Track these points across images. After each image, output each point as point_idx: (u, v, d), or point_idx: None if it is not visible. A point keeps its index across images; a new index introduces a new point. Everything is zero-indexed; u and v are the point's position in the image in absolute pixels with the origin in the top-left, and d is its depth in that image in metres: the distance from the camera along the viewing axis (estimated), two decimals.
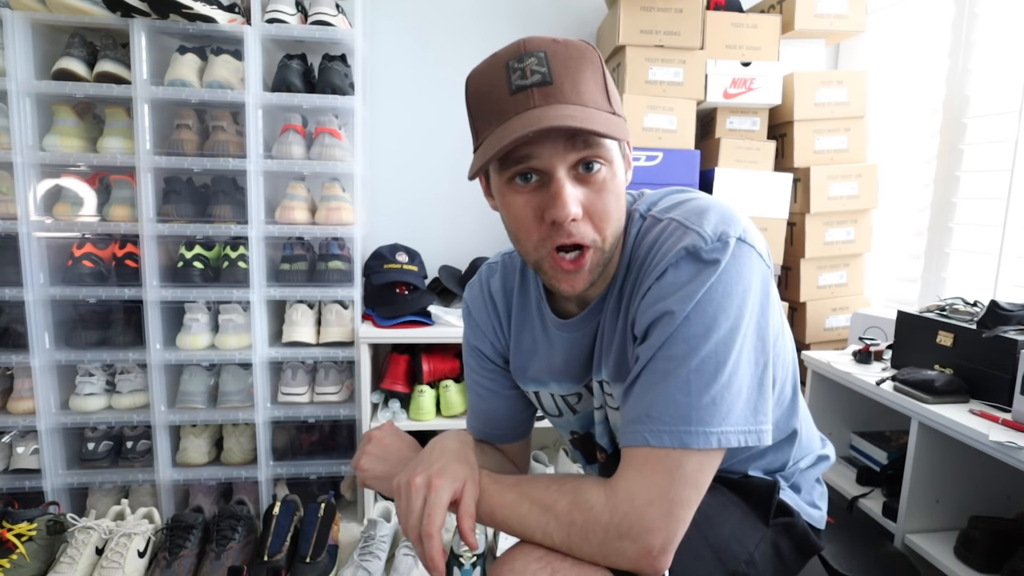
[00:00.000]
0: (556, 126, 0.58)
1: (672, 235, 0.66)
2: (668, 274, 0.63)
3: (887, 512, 1.53)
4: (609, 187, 0.65)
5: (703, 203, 0.68)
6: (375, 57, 2.31)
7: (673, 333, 0.62)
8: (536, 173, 0.64)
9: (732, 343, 0.61)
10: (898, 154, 2.15)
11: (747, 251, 0.64)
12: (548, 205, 0.63)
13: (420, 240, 2.30)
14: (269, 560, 1.32)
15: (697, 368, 0.61)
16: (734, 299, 0.62)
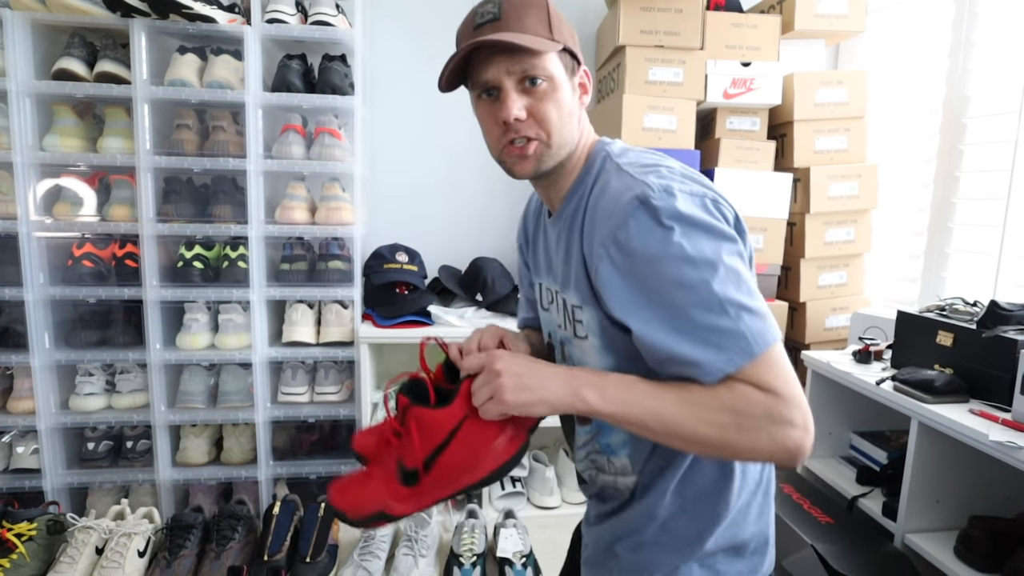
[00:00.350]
0: (485, 39, 0.75)
1: (624, 185, 0.74)
2: (631, 224, 0.70)
3: (887, 512, 1.53)
4: (550, 97, 0.79)
5: (659, 163, 0.77)
6: (375, 57, 2.32)
7: (676, 273, 0.68)
8: (493, 89, 0.79)
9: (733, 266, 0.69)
10: (898, 154, 2.15)
11: (693, 199, 0.72)
12: (500, 110, 0.79)
13: (420, 240, 2.30)
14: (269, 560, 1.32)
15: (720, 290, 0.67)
16: (711, 239, 0.69)
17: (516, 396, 0.72)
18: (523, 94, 0.79)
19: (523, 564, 1.38)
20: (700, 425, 0.67)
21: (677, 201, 0.70)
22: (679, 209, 0.69)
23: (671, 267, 0.68)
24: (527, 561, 1.39)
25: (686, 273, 0.67)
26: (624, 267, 0.71)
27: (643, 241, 0.69)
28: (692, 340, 0.67)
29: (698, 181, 0.76)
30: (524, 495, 2.14)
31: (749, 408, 0.66)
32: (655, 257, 0.69)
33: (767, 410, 0.66)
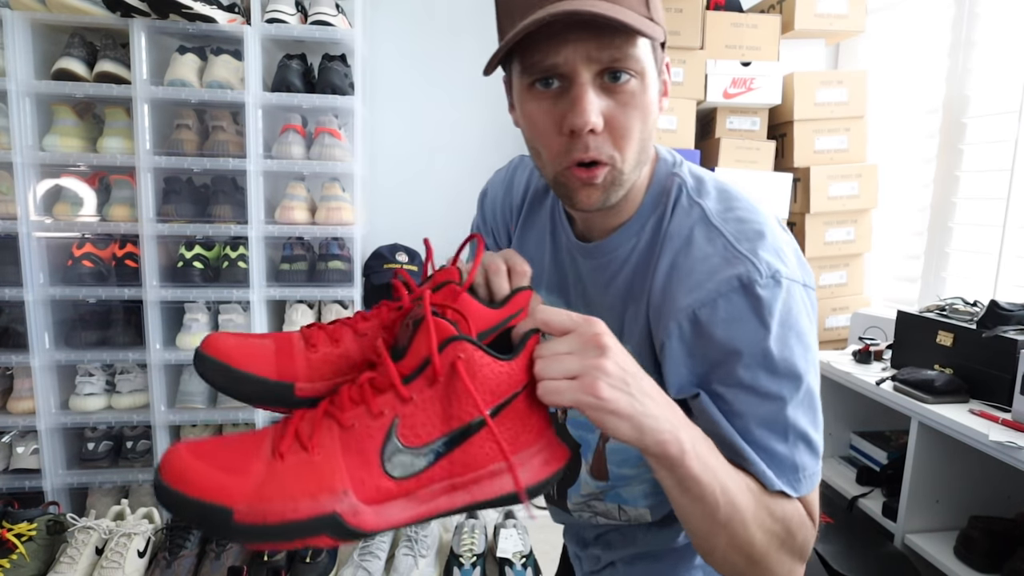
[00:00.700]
0: (579, 8, 0.52)
1: (719, 253, 0.61)
2: (721, 305, 0.59)
3: (887, 512, 1.53)
4: (637, 102, 0.58)
5: (757, 221, 0.63)
6: (375, 57, 2.32)
7: (754, 379, 0.59)
8: (558, 78, 0.57)
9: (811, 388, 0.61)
10: (898, 154, 2.15)
11: (799, 292, 0.61)
12: (567, 112, 0.57)
13: (420, 240, 2.30)
14: (269, 560, 1.32)
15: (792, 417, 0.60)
16: (802, 345, 0.60)
17: (614, 395, 0.48)
18: (602, 93, 0.57)
19: (523, 564, 1.38)
20: (755, 525, 0.57)
21: (783, 294, 0.58)
22: (785, 306, 0.58)
23: (750, 371, 0.58)
24: (527, 561, 1.39)
25: (763, 383, 0.58)
26: (694, 349, 0.60)
27: (729, 331, 0.58)
28: (744, 447, 0.60)
29: (801, 261, 0.63)
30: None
31: (799, 531, 0.60)
32: (736, 353, 0.58)
33: (806, 540, 0.61)
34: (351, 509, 0.44)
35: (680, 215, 0.65)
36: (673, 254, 0.63)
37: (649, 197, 0.68)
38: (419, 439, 0.46)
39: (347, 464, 0.45)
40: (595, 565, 0.89)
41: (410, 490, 0.46)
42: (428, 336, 0.46)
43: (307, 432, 0.46)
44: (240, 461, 0.44)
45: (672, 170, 0.69)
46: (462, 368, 0.46)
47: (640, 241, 0.68)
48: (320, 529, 0.43)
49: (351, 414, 0.46)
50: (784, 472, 0.60)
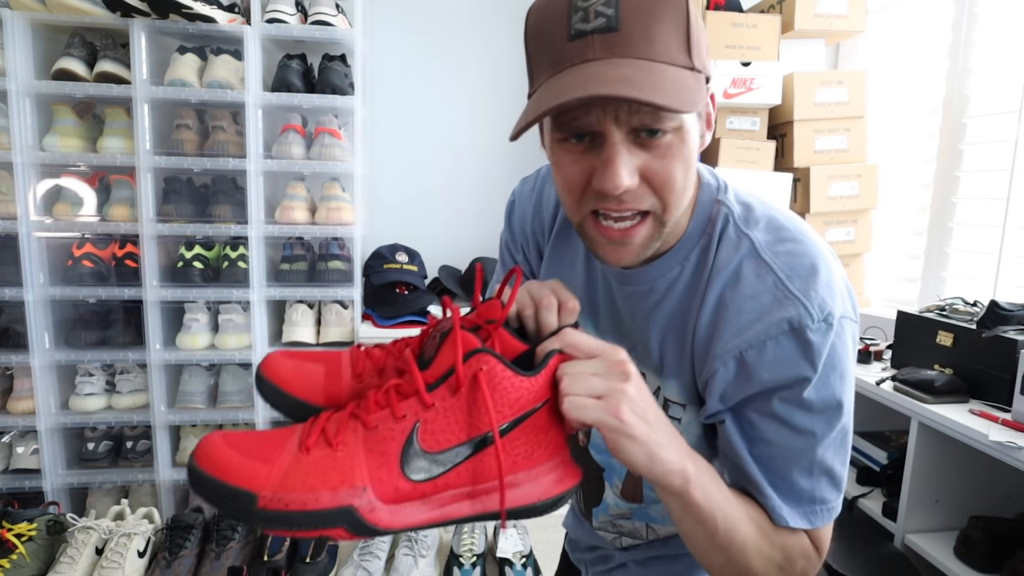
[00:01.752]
0: (608, 94, 0.49)
1: (769, 292, 0.59)
2: (769, 348, 0.58)
3: (887, 512, 1.53)
4: (676, 153, 0.55)
5: (808, 254, 0.60)
6: (375, 57, 2.32)
7: (788, 415, 0.60)
8: (590, 135, 0.55)
9: (847, 425, 0.62)
10: (898, 154, 2.15)
11: (848, 328, 0.60)
12: (598, 171, 0.54)
13: (420, 240, 2.30)
14: (269, 560, 1.32)
15: (821, 454, 0.61)
16: (843, 384, 0.60)
17: (633, 419, 0.50)
18: (637, 148, 0.54)
19: (523, 564, 1.38)
20: (756, 554, 0.59)
21: (833, 339, 0.57)
22: (832, 347, 0.57)
23: (786, 406, 0.58)
24: (527, 561, 1.39)
25: (798, 419, 0.58)
26: (736, 384, 0.60)
27: (775, 373, 0.58)
28: (765, 478, 0.60)
29: (850, 292, 0.62)
30: None
31: (798, 561, 0.62)
32: (776, 389, 0.58)
33: (804, 570, 0.62)
34: (368, 505, 0.46)
35: (727, 247, 0.62)
36: (721, 289, 0.61)
37: (694, 225, 0.65)
38: (439, 444, 0.48)
39: (368, 463, 0.47)
40: (607, 564, 0.89)
41: (426, 493, 0.48)
42: (455, 346, 0.48)
43: (333, 430, 0.48)
44: (269, 451, 0.47)
45: (717, 196, 0.65)
46: (483, 380, 0.47)
47: (684, 272, 0.65)
48: (337, 521, 0.45)
49: (376, 416, 0.48)
50: (801, 504, 0.60)
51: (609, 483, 0.81)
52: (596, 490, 0.82)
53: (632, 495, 0.77)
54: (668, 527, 0.79)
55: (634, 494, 0.77)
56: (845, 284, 0.61)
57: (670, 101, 0.49)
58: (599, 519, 0.84)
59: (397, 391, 0.49)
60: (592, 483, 0.82)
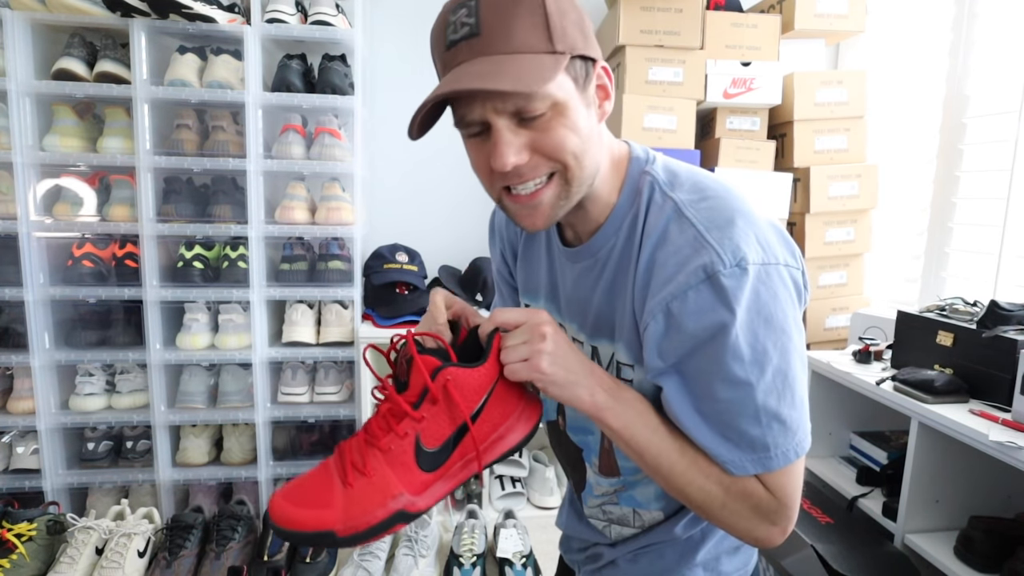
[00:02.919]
0: (460, 89, 0.58)
1: (689, 244, 0.63)
2: (690, 297, 0.61)
3: (887, 512, 1.53)
4: (558, 125, 0.62)
5: (727, 208, 0.64)
6: (375, 57, 2.32)
7: (720, 366, 0.62)
8: (481, 125, 0.63)
9: (782, 368, 0.63)
10: (898, 154, 2.15)
11: (775, 274, 0.62)
12: (491, 155, 0.63)
13: (420, 240, 2.30)
14: (269, 560, 1.32)
15: (762, 400, 0.63)
16: (769, 329, 0.62)
17: (553, 368, 0.63)
18: (521, 129, 0.62)
19: (523, 564, 1.38)
20: (690, 486, 0.65)
21: (749, 280, 0.60)
22: (749, 292, 0.60)
23: (718, 358, 0.62)
24: (527, 561, 1.39)
25: (732, 369, 0.62)
26: (668, 337, 0.63)
27: (698, 321, 0.61)
28: (716, 434, 0.64)
29: (781, 240, 0.65)
30: (524, 495, 2.14)
31: (744, 499, 0.65)
32: (705, 341, 0.62)
33: (759, 506, 0.65)
34: (410, 503, 0.63)
35: (655, 211, 0.68)
36: (651, 250, 0.66)
37: (624, 197, 0.71)
38: (437, 441, 0.65)
39: (396, 475, 0.63)
40: (597, 563, 0.89)
41: (442, 475, 0.65)
42: (420, 371, 0.63)
43: (360, 461, 0.64)
44: (324, 497, 0.63)
45: (644, 167, 0.71)
46: (452, 388, 0.63)
47: (618, 240, 0.71)
48: (394, 522, 0.63)
49: (386, 440, 0.64)
50: (755, 451, 0.63)
51: (588, 463, 0.85)
52: (580, 473, 0.88)
53: (609, 469, 0.82)
54: (653, 512, 0.81)
55: (610, 468, 0.81)
56: (775, 232, 0.65)
57: (514, 85, 0.57)
58: (589, 504, 0.87)
59: (391, 414, 0.64)
60: (575, 466, 0.88)
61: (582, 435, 0.84)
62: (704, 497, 0.66)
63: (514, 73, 0.57)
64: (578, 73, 0.63)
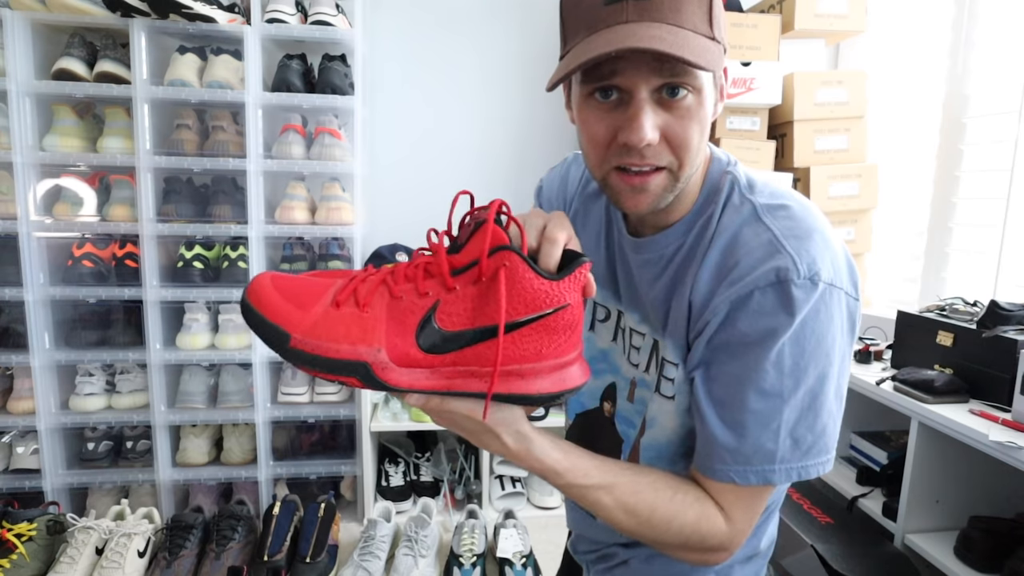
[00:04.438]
0: (642, 47, 0.54)
1: (764, 247, 0.62)
2: (755, 298, 0.60)
3: (887, 512, 1.53)
4: (694, 115, 0.60)
5: (807, 222, 0.63)
6: (375, 57, 2.31)
7: (758, 371, 0.61)
8: (617, 90, 0.59)
9: (815, 391, 0.62)
10: (898, 154, 2.15)
11: (837, 299, 0.61)
12: (623, 126, 0.59)
13: (420, 240, 2.29)
14: (269, 560, 1.32)
15: (787, 416, 0.62)
16: (818, 350, 0.61)
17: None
18: (659, 108, 0.59)
19: (523, 564, 1.38)
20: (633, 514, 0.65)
21: (817, 297, 0.59)
22: (814, 308, 0.59)
23: (758, 363, 0.61)
24: (527, 561, 1.39)
25: (769, 377, 0.61)
26: (719, 332, 0.63)
27: (753, 323, 0.60)
28: (731, 436, 0.63)
29: (849, 269, 0.63)
30: (524, 495, 2.14)
31: (698, 538, 0.65)
32: (752, 343, 0.61)
33: (712, 544, 0.66)
34: (381, 364, 0.53)
35: (730, 212, 0.66)
36: (721, 249, 0.65)
37: (702, 196, 0.69)
38: (453, 325, 0.54)
39: (388, 327, 0.53)
40: (609, 562, 0.89)
41: (433, 364, 0.54)
42: (484, 239, 0.52)
43: (364, 292, 0.54)
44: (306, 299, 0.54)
45: (725, 168, 0.70)
46: (503, 276, 0.52)
47: (690, 237, 0.69)
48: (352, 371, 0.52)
49: (402, 287, 0.54)
50: (762, 465, 0.63)
51: (624, 457, 0.82)
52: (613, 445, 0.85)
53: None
54: None
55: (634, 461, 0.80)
56: (846, 259, 0.63)
57: (696, 58, 0.54)
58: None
59: (426, 269, 0.54)
60: (611, 453, 0.85)
61: (626, 427, 0.82)
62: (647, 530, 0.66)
63: (695, 47, 0.55)
64: (718, 66, 0.60)
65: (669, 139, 0.60)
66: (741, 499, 0.66)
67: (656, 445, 0.75)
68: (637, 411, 0.78)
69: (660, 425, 0.74)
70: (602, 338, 0.83)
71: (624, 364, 0.80)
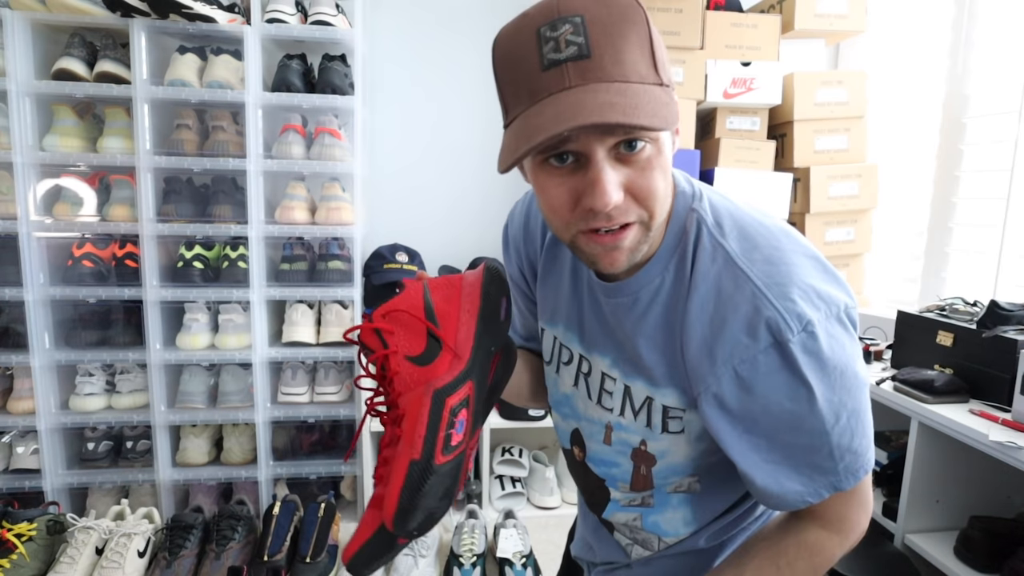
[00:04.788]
0: (592, 123, 0.51)
1: (748, 301, 0.60)
2: (761, 361, 0.60)
3: (887, 512, 1.53)
4: (655, 164, 0.57)
5: (783, 261, 0.61)
6: (375, 57, 2.31)
7: (797, 418, 0.62)
8: (572, 154, 0.57)
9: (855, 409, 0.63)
10: (898, 154, 2.15)
11: (838, 323, 0.61)
12: (586, 191, 0.56)
13: (420, 240, 2.30)
14: (269, 560, 1.32)
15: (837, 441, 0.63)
16: (843, 379, 0.61)
17: None
18: (619, 164, 0.57)
19: (523, 564, 1.38)
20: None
21: (818, 343, 0.59)
22: (818, 354, 0.59)
23: (791, 415, 0.61)
24: (527, 561, 1.39)
25: (806, 423, 0.61)
26: (738, 401, 0.62)
27: (769, 383, 0.60)
28: (788, 472, 0.64)
29: (831, 279, 0.62)
30: (524, 495, 2.14)
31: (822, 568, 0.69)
32: (776, 402, 0.61)
33: (837, 554, 0.70)
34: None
35: (704, 258, 0.64)
36: (701, 302, 0.63)
37: (670, 235, 0.67)
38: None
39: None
40: (609, 563, 0.89)
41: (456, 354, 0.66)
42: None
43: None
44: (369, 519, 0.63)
45: (691, 204, 0.67)
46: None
47: (665, 281, 0.67)
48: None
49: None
50: (827, 475, 0.64)
51: (614, 488, 0.82)
52: (602, 495, 0.84)
53: (643, 484, 0.78)
54: (679, 535, 0.79)
55: (646, 483, 0.78)
56: (825, 276, 0.62)
57: (652, 121, 0.52)
58: (615, 518, 0.84)
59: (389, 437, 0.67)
60: (597, 491, 0.84)
61: (606, 467, 0.81)
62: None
63: (648, 106, 0.53)
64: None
65: (634, 194, 0.57)
66: (835, 504, 0.67)
67: (671, 467, 0.75)
68: (619, 452, 0.77)
69: (673, 453, 0.73)
70: (565, 383, 0.82)
71: (592, 409, 0.78)
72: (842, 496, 0.65)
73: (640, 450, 0.74)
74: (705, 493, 0.76)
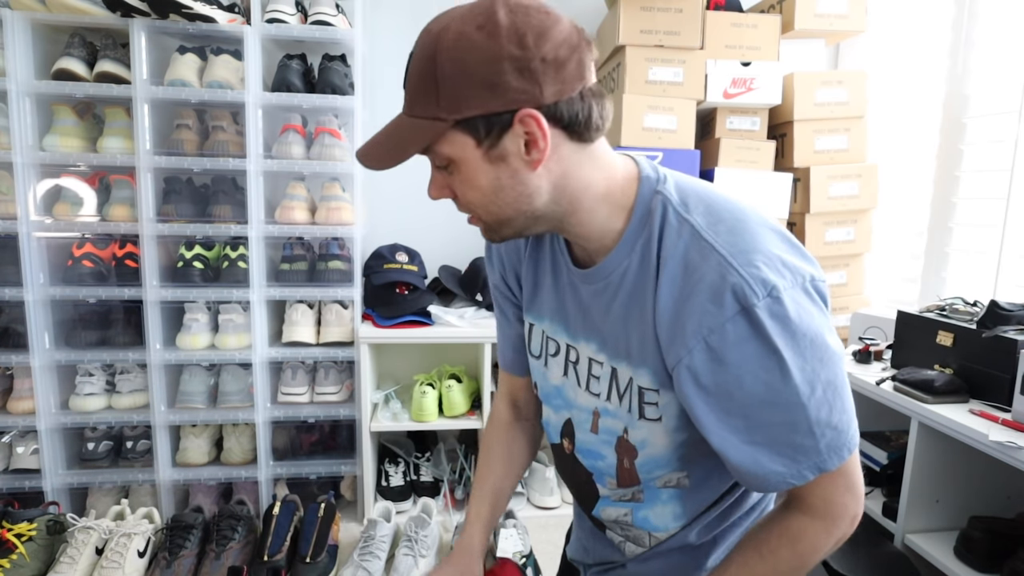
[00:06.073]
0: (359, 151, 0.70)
1: (715, 271, 0.62)
2: (729, 330, 0.61)
3: (887, 512, 1.53)
4: (461, 180, 0.68)
5: (747, 231, 0.64)
6: (375, 57, 2.31)
7: (769, 390, 0.62)
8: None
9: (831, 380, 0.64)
10: (898, 154, 2.15)
11: (804, 292, 0.62)
12: None
13: (420, 240, 2.30)
14: (269, 560, 1.32)
15: (815, 415, 0.63)
16: (813, 347, 0.62)
17: None
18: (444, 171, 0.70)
19: (523, 564, 1.38)
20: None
21: (784, 308, 0.60)
22: (786, 319, 0.60)
23: (766, 387, 0.62)
24: (527, 561, 1.39)
25: (781, 395, 0.62)
26: (712, 374, 0.63)
27: (741, 351, 0.61)
28: (769, 454, 0.64)
29: (796, 252, 0.65)
30: (524, 495, 2.14)
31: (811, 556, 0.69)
32: (750, 372, 0.62)
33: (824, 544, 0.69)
34: None
35: (671, 234, 0.67)
36: (671, 276, 0.65)
37: (635, 218, 0.69)
38: None
39: None
40: (604, 564, 0.89)
41: None
42: None
43: None
44: None
45: (656, 187, 0.69)
46: None
47: (632, 263, 0.69)
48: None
49: None
50: (810, 456, 0.64)
51: (601, 484, 0.83)
52: (590, 491, 0.85)
53: (629, 480, 0.79)
54: (669, 531, 0.80)
55: (631, 478, 0.79)
56: (791, 248, 0.65)
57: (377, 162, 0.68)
58: (607, 520, 0.85)
59: None
60: (585, 485, 0.86)
61: (592, 459, 0.82)
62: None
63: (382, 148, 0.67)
64: (480, 131, 0.62)
65: (454, 196, 0.71)
66: (819, 487, 0.66)
67: (653, 460, 0.76)
68: (604, 441, 0.78)
69: (652, 444, 0.74)
70: (554, 374, 0.83)
71: (581, 396, 0.80)
72: (827, 477, 0.65)
73: (623, 439, 0.76)
74: (693, 487, 0.77)
